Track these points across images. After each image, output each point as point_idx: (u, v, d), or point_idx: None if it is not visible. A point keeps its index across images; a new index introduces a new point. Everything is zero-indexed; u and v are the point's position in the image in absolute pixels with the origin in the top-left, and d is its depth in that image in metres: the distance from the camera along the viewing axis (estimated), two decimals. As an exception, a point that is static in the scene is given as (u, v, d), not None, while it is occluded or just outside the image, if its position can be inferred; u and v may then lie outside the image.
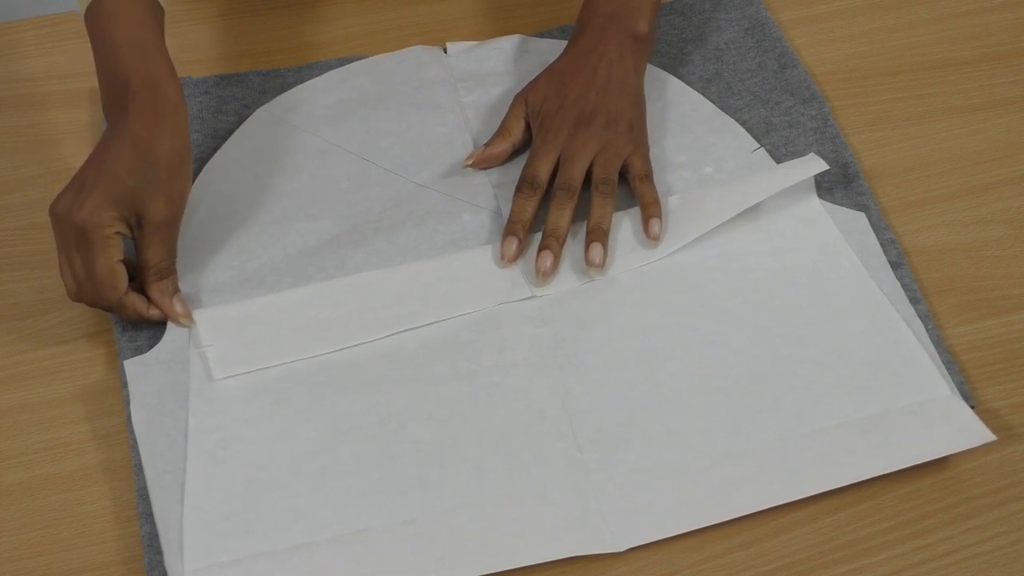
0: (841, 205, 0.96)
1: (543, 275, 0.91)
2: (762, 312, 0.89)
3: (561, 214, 0.92)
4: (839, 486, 0.80)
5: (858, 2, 1.13)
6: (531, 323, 0.89)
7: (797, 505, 0.80)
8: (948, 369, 0.86)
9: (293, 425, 0.84)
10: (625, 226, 0.95)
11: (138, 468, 0.82)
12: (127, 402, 0.85)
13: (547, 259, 0.91)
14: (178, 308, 0.89)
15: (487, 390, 0.86)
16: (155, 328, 0.89)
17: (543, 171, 0.94)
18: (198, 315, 0.89)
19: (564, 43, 1.08)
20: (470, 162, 0.99)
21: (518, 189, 0.94)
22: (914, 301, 0.90)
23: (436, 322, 0.90)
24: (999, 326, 0.90)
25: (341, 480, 0.82)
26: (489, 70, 1.07)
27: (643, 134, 0.98)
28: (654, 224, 0.93)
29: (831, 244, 0.93)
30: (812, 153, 0.97)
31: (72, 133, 1.04)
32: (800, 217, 0.95)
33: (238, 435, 0.84)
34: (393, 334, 0.89)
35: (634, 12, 1.00)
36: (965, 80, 1.06)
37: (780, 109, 1.03)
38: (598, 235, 0.92)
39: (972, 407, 0.84)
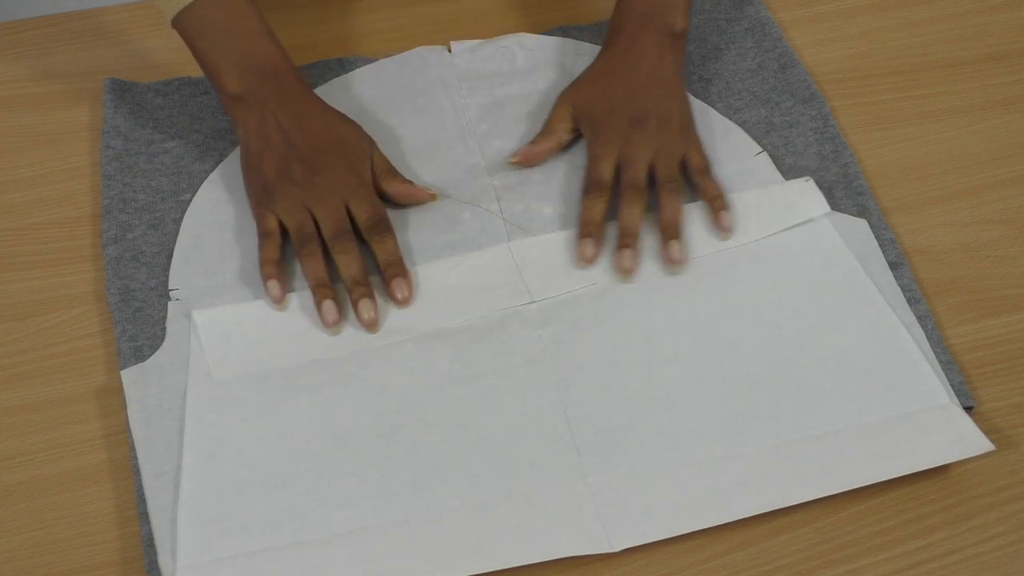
0: (841, 204, 0.96)
1: (626, 272, 0.91)
2: (762, 317, 0.89)
3: (632, 212, 0.93)
4: (836, 492, 0.80)
5: (858, 2, 1.13)
6: (531, 326, 0.89)
7: (797, 505, 0.80)
8: (948, 369, 0.86)
9: (290, 424, 0.84)
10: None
11: (137, 469, 0.82)
12: (126, 406, 0.85)
13: (627, 257, 0.91)
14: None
15: (485, 392, 0.86)
16: (155, 329, 0.89)
17: (608, 173, 0.95)
18: (198, 316, 0.89)
19: (567, 40, 1.09)
20: (516, 159, 0.99)
21: (587, 191, 0.95)
22: (914, 301, 0.90)
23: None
24: (999, 326, 0.90)
25: (337, 480, 0.82)
26: (493, 70, 1.07)
27: (694, 129, 0.99)
28: (724, 216, 0.94)
29: (832, 250, 0.93)
30: (811, 182, 0.96)
31: (72, 133, 1.04)
32: (803, 216, 0.95)
33: (235, 434, 0.84)
34: (392, 342, 0.89)
35: (670, 8, 1.01)
36: (965, 80, 1.06)
37: (780, 109, 1.03)
38: (674, 232, 0.93)
39: (972, 407, 0.84)
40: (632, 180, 0.94)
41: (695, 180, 0.96)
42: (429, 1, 1.14)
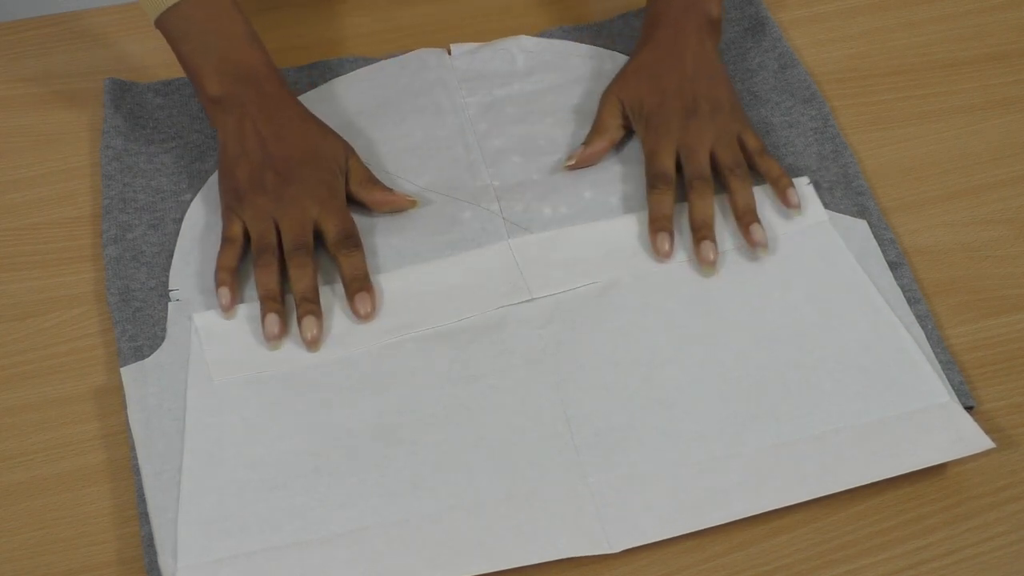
0: (841, 204, 0.96)
1: (709, 265, 0.91)
2: (762, 317, 0.89)
3: (705, 203, 0.93)
4: (836, 491, 0.80)
5: (858, 2, 1.13)
6: (531, 325, 0.89)
7: (797, 505, 0.80)
8: (948, 369, 0.86)
9: (290, 425, 0.84)
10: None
11: (137, 469, 0.82)
12: (125, 405, 0.85)
13: (710, 250, 0.91)
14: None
15: (485, 391, 0.86)
16: (155, 329, 0.89)
17: (670, 165, 0.95)
18: (198, 319, 0.89)
19: (567, 43, 1.09)
20: (572, 162, 0.99)
21: (652, 187, 0.95)
22: (913, 301, 0.90)
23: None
24: (999, 326, 0.90)
25: (336, 480, 0.82)
26: (492, 70, 1.07)
27: (744, 112, 1.00)
28: (792, 194, 0.94)
29: (832, 250, 0.93)
30: (811, 186, 0.96)
31: (72, 133, 1.04)
32: (801, 223, 0.95)
33: (235, 434, 0.84)
34: (392, 342, 0.89)
35: None
36: (965, 80, 1.06)
37: (780, 109, 1.03)
38: (752, 216, 0.93)
39: (972, 407, 0.84)
40: (697, 171, 0.95)
41: (755, 161, 0.97)
42: (429, 1, 1.14)
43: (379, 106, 1.05)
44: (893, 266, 0.92)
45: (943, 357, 0.86)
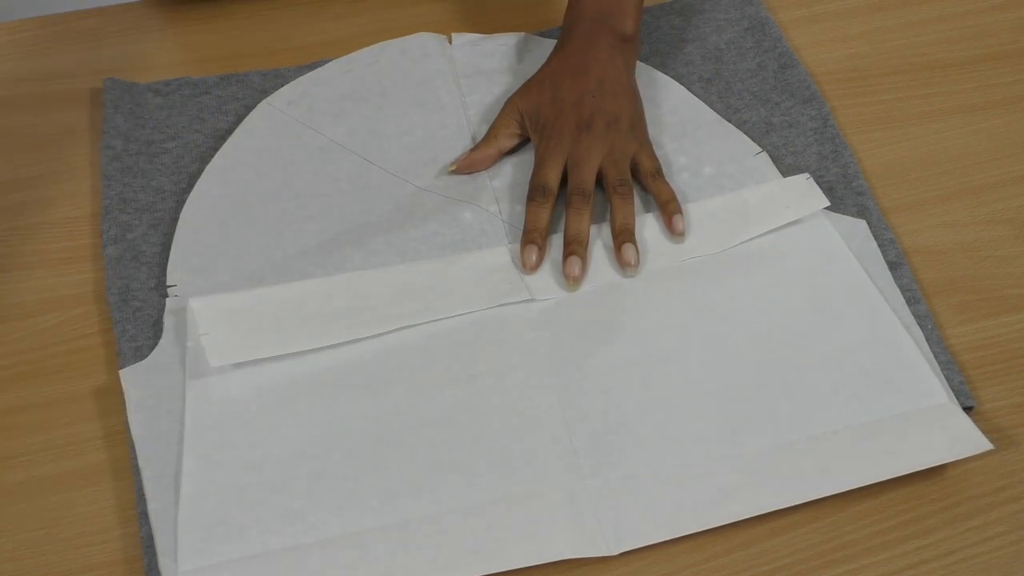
0: (841, 204, 0.96)
1: (573, 281, 0.91)
2: (761, 318, 0.89)
3: (580, 219, 0.93)
4: (834, 493, 0.80)
5: (858, 2, 1.13)
6: (530, 327, 0.89)
7: (797, 505, 0.80)
8: (948, 369, 0.86)
9: (289, 427, 0.84)
10: (605, 234, 0.95)
11: (137, 469, 0.82)
12: (125, 406, 0.85)
13: (575, 265, 0.91)
14: None
15: (483, 393, 0.86)
16: (155, 329, 0.89)
17: (552, 178, 0.95)
18: (195, 303, 0.89)
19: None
20: (454, 167, 0.98)
21: (530, 198, 0.94)
22: (913, 301, 0.90)
23: (433, 322, 0.89)
24: (999, 326, 0.90)
25: (336, 483, 0.81)
26: (493, 67, 1.07)
27: (645, 131, 0.99)
28: (677, 220, 0.93)
29: (832, 250, 0.93)
30: (809, 177, 0.96)
31: (72, 133, 1.04)
32: (800, 223, 0.94)
33: (234, 437, 0.84)
34: (391, 331, 0.89)
35: (619, 13, 1.00)
36: (965, 80, 1.06)
37: (780, 109, 1.03)
38: (627, 236, 0.92)
39: (972, 407, 0.84)
40: (578, 185, 0.94)
41: (646, 183, 0.96)
42: (430, 1, 1.14)
43: (380, 94, 1.05)
44: (893, 266, 0.92)
45: (943, 357, 0.86)
